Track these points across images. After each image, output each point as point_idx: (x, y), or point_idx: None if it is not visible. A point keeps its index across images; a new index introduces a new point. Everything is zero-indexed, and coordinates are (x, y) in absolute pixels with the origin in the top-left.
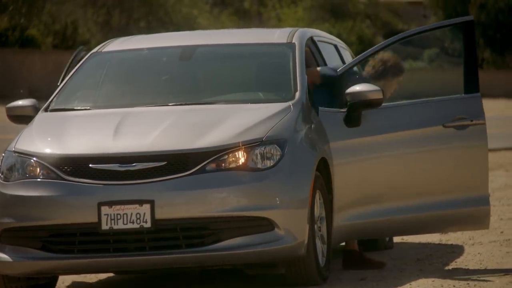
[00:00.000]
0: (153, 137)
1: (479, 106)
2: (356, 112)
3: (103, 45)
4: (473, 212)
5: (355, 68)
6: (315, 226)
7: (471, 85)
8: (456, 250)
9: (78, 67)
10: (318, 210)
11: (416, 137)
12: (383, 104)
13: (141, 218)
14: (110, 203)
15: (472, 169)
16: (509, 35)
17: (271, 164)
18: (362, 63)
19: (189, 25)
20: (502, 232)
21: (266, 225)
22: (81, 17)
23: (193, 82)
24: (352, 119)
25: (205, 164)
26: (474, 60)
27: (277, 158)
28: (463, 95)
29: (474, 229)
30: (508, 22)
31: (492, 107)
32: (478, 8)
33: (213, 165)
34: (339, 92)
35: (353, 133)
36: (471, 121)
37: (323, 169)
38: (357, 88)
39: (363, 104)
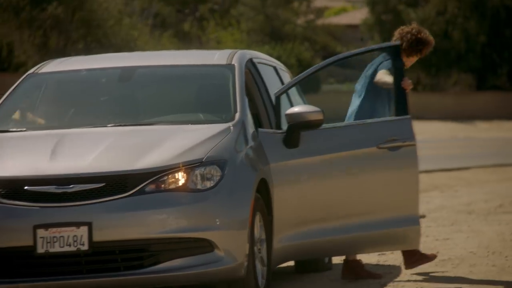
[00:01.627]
0: (91, 158)
1: (409, 128)
2: (295, 133)
3: (39, 67)
4: (404, 232)
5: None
6: (255, 247)
7: (401, 107)
8: (393, 271)
9: (14, 89)
10: (258, 232)
11: (352, 158)
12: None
13: (78, 241)
14: (46, 226)
15: (403, 189)
16: (443, 58)
17: (211, 185)
18: (298, 84)
19: (129, 47)
20: (437, 253)
21: (206, 246)
22: (17, 39)
23: (133, 103)
24: (291, 140)
25: (144, 185)
26: (401, 84)
27: (217, 179)
28: (394, 117)
29: (405, 248)
30: (442, 46)
31: (427, 130)
32: None
33: (152, 186)
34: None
35: (292, 154)
36: (403, 142)
37: (263, 190)
38: (296, 109)
39: (302, 125)
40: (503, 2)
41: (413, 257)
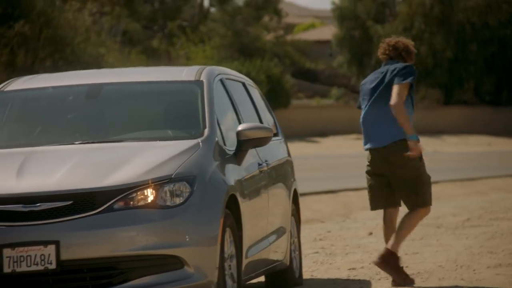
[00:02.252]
0: (58, 176)
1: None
2: (244, 150)
3: (5, 84)
4: None
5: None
6: (225, 263)
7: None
8: (364, 286)
9: None
10: (228, 248)
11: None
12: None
13: (46, 260)
14: (13, 245)
15: None
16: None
17: (181, 202)
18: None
19: (97, 64)
20: (407, 267)
21: (176, 263)
22: None
23: (100, 120)
24: (240, 157)
25: (113, 203)
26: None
27: (187, 195)
28: None
29: None
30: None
31: None
32: None
33: (121, 204)
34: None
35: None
36: None
37: (233, 206)
38: (245, 126)
39: (251, 142)
40: (469, 19)
41: (394, 262)
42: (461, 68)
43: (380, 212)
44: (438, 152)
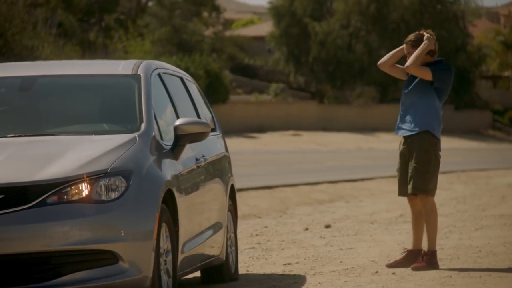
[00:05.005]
0: None
1: None
2: (181, 145)
3: None
4: None
5: None
6: (161, 259)
7: None
8: (298, 281)
9: None
10: (164, 243)
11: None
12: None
13: None
14: None
15: None
16: (347, 71)
17: (116, 196)
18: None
19: (32, 56)
20: (341, 262)
21: (110, 258)
22: None
23: (34, 113)
24: (177, 152)
25: (46, 197)
26: None
27: (122, 190)
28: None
29: None
30: (347, 59)
31: (333, 140)
32: (318, 45)
33: (54, 198)
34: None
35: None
36: None
37: (169, 201)
38: (183, 121)
39: (188, 137)
40: (403, 17)
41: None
42: None
43: (315, 207)
44: (373, 149)
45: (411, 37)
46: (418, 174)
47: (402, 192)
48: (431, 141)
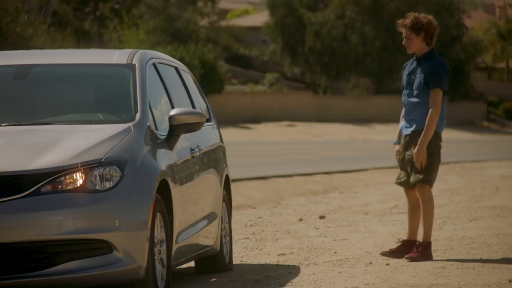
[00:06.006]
0: None
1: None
2: (176, 135)
3: None
4: None
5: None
6: (155, 248)
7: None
8: (293, 271)
9: None
10: (159, 233)
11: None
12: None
13: None
14: None
15: None
16: (342, 62)
17: (110, 186)
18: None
19: (27, 45)
20: (335, 253)
21: (104, 247)
22: None
23: (28, 102)
24: (172, 142)
25: (40, 186)
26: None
27: (117, 179)
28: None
29: None
30: (342, 50)
31: (328, 131)
32: (313, 36)
33: (49, 187)
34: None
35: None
36: None
37: (164, 191)
38: (177, 111)
39: (183, 128)
40: (399, 8)
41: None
42: (391, 57)
43: (310, 198)
44: (368, 140)
45: (408, 21)
46: (422, 166)
47: (401, 182)
48: (434, 135)
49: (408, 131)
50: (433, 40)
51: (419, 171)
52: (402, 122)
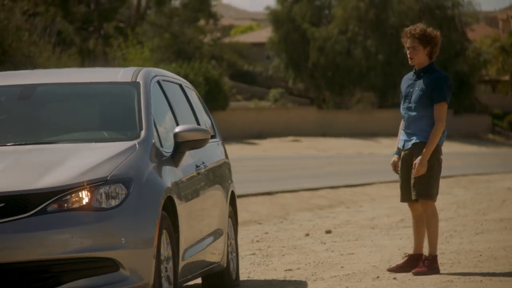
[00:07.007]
0: None
1: None
2: (181, 152)
3: None
4: None
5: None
6: (162, 266)
7: None
8: (300, 286)
9: None
10: (165, 250)
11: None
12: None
13: None
14: None
15: None
16: (346, 77)
17: (116, 204)
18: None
19: (31, 64)
20: (342, 267)
21: (111, 265)
22: None
23: (34, 121)
24: (177, 159)
25: (46, 205)
26: None
27: (122, 197)
28: None
29: None
30: (345, 64)
31: (333, 146)
32: (317, 51)
33: (55, 206)
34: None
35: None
36: None
37: (170, 208)
38: (182, 128)
39: (188, 144)
40: (402, 23)
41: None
42: (394, 71)
43: (316, 213)
44: (373, 154)
45: (418, 31)
46: (422, 180)
47: (404, 198)
48: (435, 148)
49: (409, 144)
50: (435, 56)
51: (420, 187)
52: (402, 135)
